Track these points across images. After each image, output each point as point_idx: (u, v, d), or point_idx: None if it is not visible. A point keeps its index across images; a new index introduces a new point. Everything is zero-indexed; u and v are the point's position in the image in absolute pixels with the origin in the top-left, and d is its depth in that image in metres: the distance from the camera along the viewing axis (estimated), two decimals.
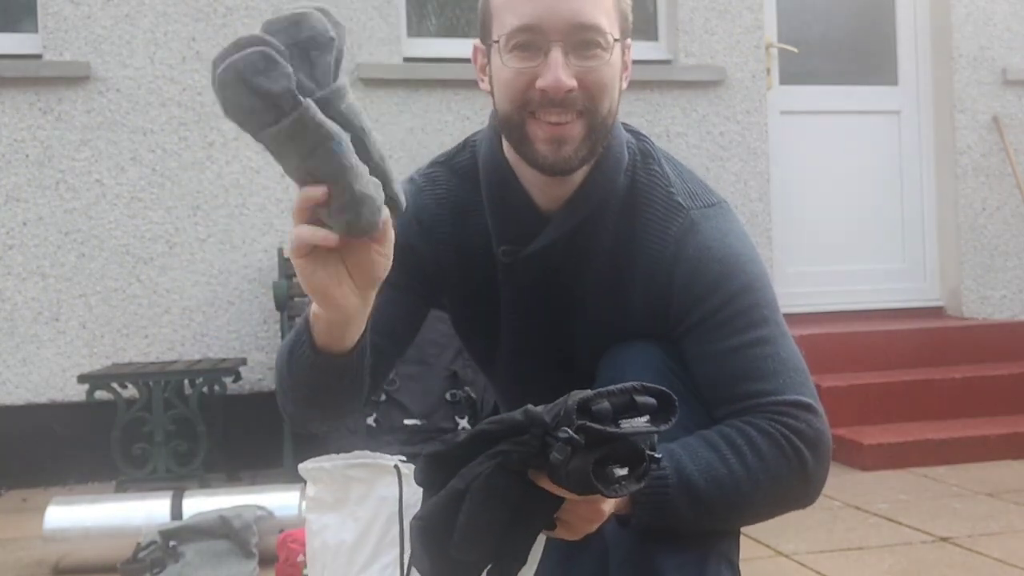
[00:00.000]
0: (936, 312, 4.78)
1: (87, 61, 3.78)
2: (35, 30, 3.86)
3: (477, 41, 1.36)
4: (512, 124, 1.30)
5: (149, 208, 3.84)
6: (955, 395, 3.95)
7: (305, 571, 2.24)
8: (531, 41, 1.26)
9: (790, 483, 1.24)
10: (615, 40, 1.28)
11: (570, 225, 1.35)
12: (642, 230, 1.35)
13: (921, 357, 4.19)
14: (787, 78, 4.66)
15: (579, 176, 1.33)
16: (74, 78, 3.77)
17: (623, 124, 1.42)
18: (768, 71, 4.49)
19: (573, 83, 1.25)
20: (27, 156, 3.76)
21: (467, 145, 1.46)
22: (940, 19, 4.73)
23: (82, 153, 3.80)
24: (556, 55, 1.25)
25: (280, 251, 3.82)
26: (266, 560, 2.48)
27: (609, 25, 1.28)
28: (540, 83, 1.25)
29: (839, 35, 4.81)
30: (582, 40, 1.26)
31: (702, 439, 1.22)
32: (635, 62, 1.38)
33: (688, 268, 1.31)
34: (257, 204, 3.91)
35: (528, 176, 1.34)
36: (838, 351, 4.12)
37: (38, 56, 3.80)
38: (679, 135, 4.29)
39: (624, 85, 1.35)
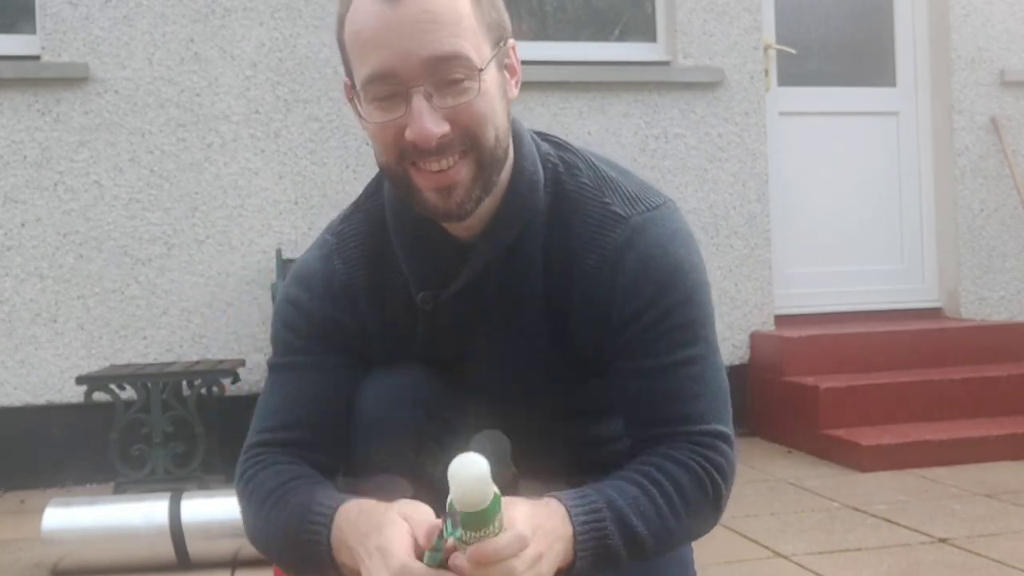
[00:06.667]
0: (934, 313, 4.78)
1: (85, 62, 3.78)
2: (33, 31, 3.85)
3: (347, 78, 1.20)
4: (395, 176, 1.18)
5: (147, 209, 3.84)
6: (954, 396, 3.94)
7: None
8: (388, 91, 1.12)
9: (706, 516, 1.25)
10: (488, 59, 1.14)
11: (494, 255, 1.23)
12: (577, 247, 1.24)
13: (919, 358, 4.18)
14: (785, 79, 4.66)
15: (494, 201, 1.22)
16: (72, 79, 3.77)
17: (538, 134, 1.31)
18: (766, 72, 4.49)
19: (444, 128, 1.12)
20: (25, 157, 3.76)
21: (380, 185, 1.31)
22: (938, 20, 4.74)
23: (80, 154, 3.79)
24: (418, 103, 1.11)
25: (278, 252, 3.82)
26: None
27: (474, 47, 1.12)
28: (408, 135, 1.12)
29: (837, 36, 4.81)
30: (444, 78, 1.11)
31: (630, 481, 1.20)
32: (634, 63, 1.37)
33: (628, 281, 1.22)
34: (255, 205, 3.91)
35: None
36: (837, 351, 4.12)
37: (36, 57, 3.80)
38: (677, 136, 4.29)
39: (514, 93, 1.22)
